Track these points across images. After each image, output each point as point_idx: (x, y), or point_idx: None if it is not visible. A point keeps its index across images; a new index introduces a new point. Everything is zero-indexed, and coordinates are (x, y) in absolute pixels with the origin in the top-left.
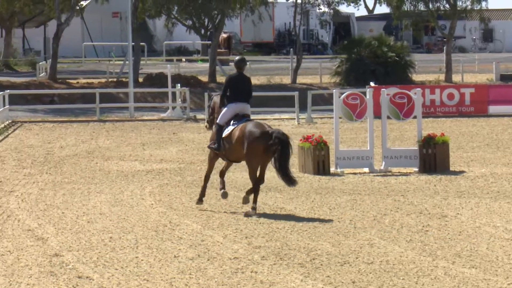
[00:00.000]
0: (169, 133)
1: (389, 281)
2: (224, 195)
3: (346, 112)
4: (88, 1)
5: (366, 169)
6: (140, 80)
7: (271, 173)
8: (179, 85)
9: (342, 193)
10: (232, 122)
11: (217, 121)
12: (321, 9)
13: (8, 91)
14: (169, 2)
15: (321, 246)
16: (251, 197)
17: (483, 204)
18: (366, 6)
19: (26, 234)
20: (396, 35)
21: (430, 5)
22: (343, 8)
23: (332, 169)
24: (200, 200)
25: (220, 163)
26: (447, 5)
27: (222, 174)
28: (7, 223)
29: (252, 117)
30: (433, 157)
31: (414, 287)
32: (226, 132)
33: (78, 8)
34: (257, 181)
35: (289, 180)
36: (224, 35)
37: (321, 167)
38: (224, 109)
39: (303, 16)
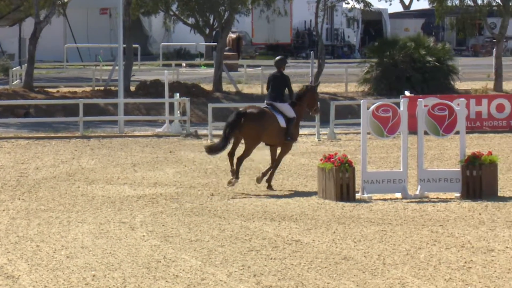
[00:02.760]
0: (165, 152)
1: None
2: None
3: (375, 126)
4: None
5: (399, 195)
6: (132, 88)
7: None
8: (178, 94)
9: (369, 223)
10: None
11: None
12: (348, 3)
13: None
14: None
15: (343, 285)
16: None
17: None
18: (401, 1)
19: None
20: (437, 35)
21: (479, 0)
22: (374, 3)
23: (358, 195)
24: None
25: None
26: (498, 0)
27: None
28: None
29: None
30: (478, 180)
31: None
32: None
33: (59, 2)
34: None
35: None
36: (232, 36)
37: (345, 192)
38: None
39: (327, 12)
